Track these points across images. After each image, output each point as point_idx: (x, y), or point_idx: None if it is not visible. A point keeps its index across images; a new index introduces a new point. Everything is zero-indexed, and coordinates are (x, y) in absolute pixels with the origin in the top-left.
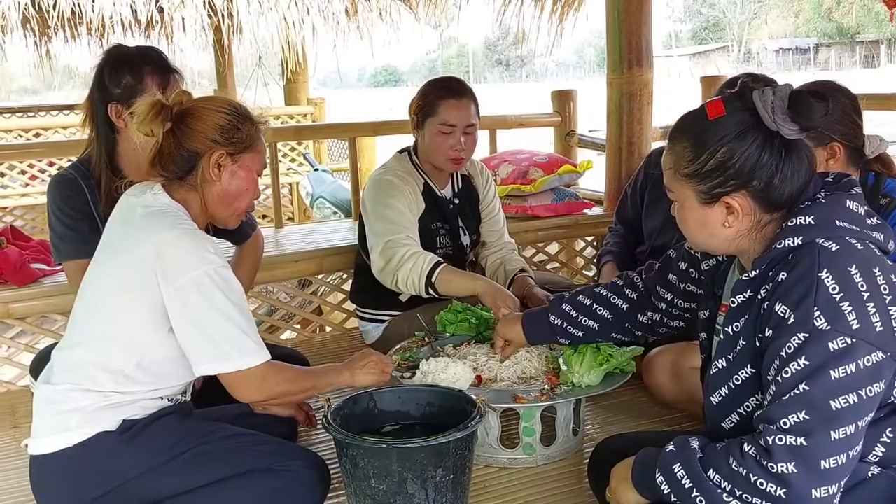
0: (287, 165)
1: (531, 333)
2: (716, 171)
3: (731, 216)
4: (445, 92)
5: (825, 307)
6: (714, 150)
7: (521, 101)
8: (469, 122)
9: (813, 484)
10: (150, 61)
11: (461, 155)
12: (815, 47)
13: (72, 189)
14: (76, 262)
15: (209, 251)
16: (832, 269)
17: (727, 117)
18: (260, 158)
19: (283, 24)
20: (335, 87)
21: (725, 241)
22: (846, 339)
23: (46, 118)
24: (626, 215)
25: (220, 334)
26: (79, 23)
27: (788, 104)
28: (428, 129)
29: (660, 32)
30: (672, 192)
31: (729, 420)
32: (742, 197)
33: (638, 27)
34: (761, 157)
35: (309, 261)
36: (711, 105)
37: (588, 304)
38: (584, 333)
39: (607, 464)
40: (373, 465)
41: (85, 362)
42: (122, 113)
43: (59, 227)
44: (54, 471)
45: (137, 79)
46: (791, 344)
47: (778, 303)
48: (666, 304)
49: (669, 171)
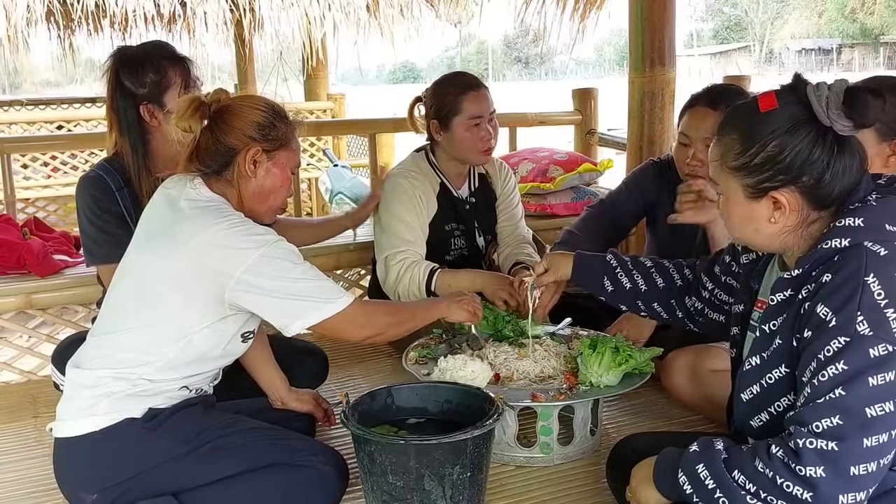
0: (306, 161)
1: (580, 267)
2: (765, 165)
3: (778, 212)
4: (464, 87)
5: (869, 312)
6: (764, 143)
7: (540, 98)
8: (492, 110)
9: (841, 490)
10: (164, 53)
11: (492, 143)
12: (837, 48)
13: (101, 191)
14: (110, 266)
15: (259, 232)
16: (879, 274)
17: (779, 110)
18: (294, 156)
19: (305, 19)
20: (354, 84)
21: (770, 237)
22: (888, 346)
23: (69, 111)
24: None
25: (304, 291)
26: (102, 16)
27: (843, 100)
28: (456, 127)
29: (681, 31)
30: (717, 185)
31: (758, 418)
32: (790, 193)
33: (661, 26)
34: (812, 152)
35: (327, 256)
36: (764, 98)
37: (648, 265)
38: (631, 287)
39: (627, 463)
40: (390, 461)
41: (126, 348)
42: (155, 112)
43: (91, 231)
44: (78, 455)
45: (160, 73)
46: (830, 347)
47: (820, 304)
48: (709, 293)
49: (716, 163)
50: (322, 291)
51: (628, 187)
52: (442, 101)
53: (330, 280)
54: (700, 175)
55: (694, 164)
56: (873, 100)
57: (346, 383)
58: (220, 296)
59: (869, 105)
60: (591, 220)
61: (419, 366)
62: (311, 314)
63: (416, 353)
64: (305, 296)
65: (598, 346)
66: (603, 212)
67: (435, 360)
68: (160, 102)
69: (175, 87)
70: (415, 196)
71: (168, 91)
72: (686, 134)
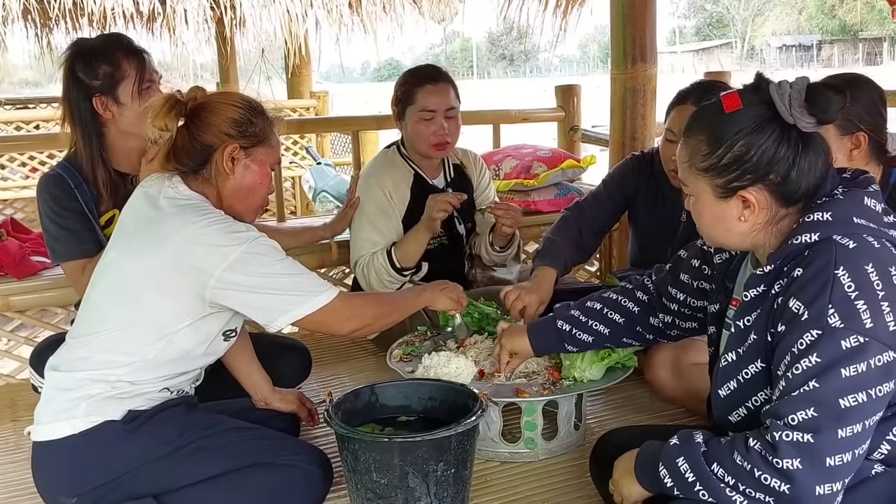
0: (289, 159)
1: (537, 343)
2: (732, 165)
3: (748, 210)
4: (421, 78)
5: (840, 305)
6: (731, 143)
7: (524, 96)
8: (449, 106)
9: (817, 481)
10: (120, 45)
11: (445, 139)
12: (818, 44)
13: (61, 189)
14: (74, 262)
15: (240, 230)
16: (848, 266)
17: (744, 110)
18: (273, 153)
19: (287, 16)
20: (338, 81)
21: (741, 235)
22: (859, 337)
23: (47, 110)
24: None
25: (288, 285)
26: (80, 14)
27: (805, 97)
28: (409, 118)
29: (664, 28)
30: (687, 187)
31: (736, 413)
32: (759, 191)
33: (642, 23)
34: (778, 150)
35: (311, 255)
36: (727, 98)
37: (598, 308)
38: (595, 338)
39: (610, 457)
40: (374, 459)
41: (104, 350)
42: (109, 104)
43: (52, 229)
44: (57, 458)
45: (114, 65)
46: (803, 340)
47: (792, 298)
48: (678, 304)
49: (685, 164)
50: (306, 285)
51: (607, 187)
52: (400, 91)
53: (313, 274)
54: None
55: None
56: (834, 96)
57: (330, 382)
58: (201, 294)
59: (830, 101)
60: (569, 223)
61: (403, 363)
62: (296, 308)
63: (400, 350)
64: (290, 290)
65: None
66: (580, 214)
67: (419, 357)
68: (114, 95)
69: (129, 79)
70: (383, 193)
71: (121, 84)
72: (672, 130)
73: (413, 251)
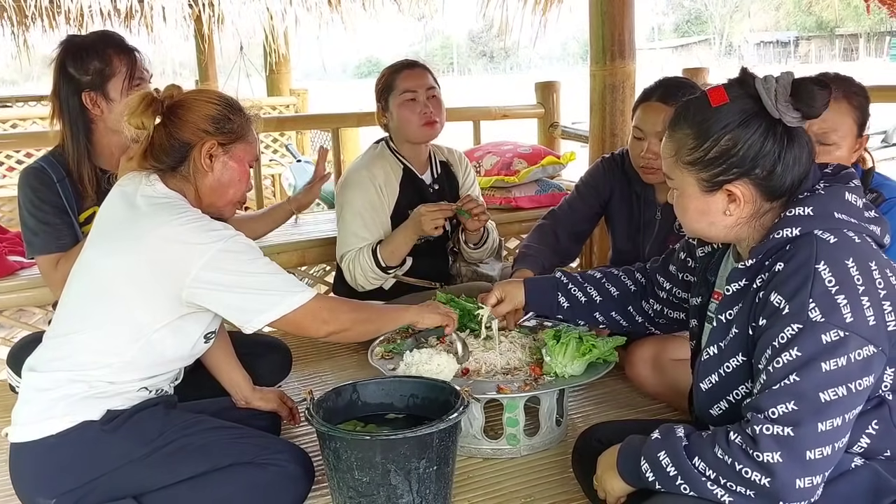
0: (269, 157)
1: (532, 291)
2: (719, 159)
3: (733, 204)
4: (398, 66)
5: (820, 299)
6: (717, 137)
7: (505, 92)
8: (429, 85)
9: (797, 474)
10: (111, 42)
11: (432, 118)
12: (795, 41)
13: (42, 182)
14: (49, 256)
15: (216, 228)
16: (829, 261)
17: (730, 105)
18: (251, 149)
19: (266, 14)
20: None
21: (725, 228)
22: (839, 332)
23: (24, 109)
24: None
25: (264, 285)
26: (57, 12)
27: (791, 92)
28: (393, 105)
29: (643, 25)
30: (672, 180)
31: (717, 407)
32: (744, 185)
33: (620, 19)
34: (765, 145)
35: (291, 253)
36: (713, 92)
37: (597, 276)
38: (586, 301)
39: (592, 452)
40: (356, 456)
41: (81, 349)
42: (98, 100)
43: (31, 222)
44: (36, 459)
45: (105, 62)
46: (784, 334)
47: (773, 292)
48: (666, 293)
49: (670, 158)
50: (283, 285)
51: (580, 191)
52: (380, 83)
53: (290, 275)
54: (655, 167)
55: (648, 157)
56: (819, 91)
57: (312, 380)
58: (178, 293)
59: (816, 96)
60: (545, 229)
61: (385, 361)
62: (271, 309)
63: (381, 347)
64: (266, 290)
65: (562, 336)
66: (556, 221)
67: (401, 354)
68: (104, 91)
69: (119, 76)
70: (373, 187)
71: (112, 80)
72: (640, 128)
73: (399, 251)
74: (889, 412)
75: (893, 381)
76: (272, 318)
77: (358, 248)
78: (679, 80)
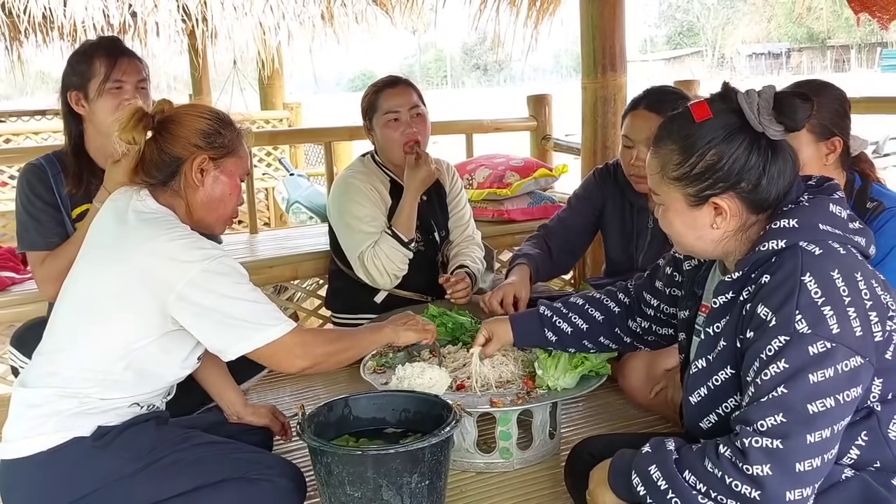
0: (263, 170)
1: (518, 328)
2: (705, 174)
3: (720, 217)
4: (381, 85)
5: (807, 311)
6: (703, 153)
7: (499, 105)
8: (413, 104)
9: (787, 486)
10: (99, 47)
11: (416, 137)
12: (787, 52)
13: (36, 177)
14: (37, 253)
15: (204, 247)
16: (815, 273)
17: (714, 120)
18: (242, 164)
19: (259, 28)
20: (314, 92)
21: (712, 242)
22: (826, 343)
23: (17, 123)
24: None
25: (240, 314)
26: (50, 27)
27: (773, 105)
28: (377, 126)
29: (636, 38)
30: (658, 196)
31: (707, 420)
32: (730, 198)
33: (611, 32)
34: (749, 158)
35: (284, 266)
36: (696, 107)
37: (580, 303)
38: (573, 331)
39: (584, 466)
40: (347, 472)
41: (71, 366)
42: (80, 99)
43: (22, 216)
44: (27, 475)
45: (88, 63)
46: (772, 346)
47: (760, 305)
48: (653, 310)
49: (656, 175)
50: (258, 316)
51: (572, 205)
52: (365, 102)
53: (271, 305)
54: (645, 175)
55: (638, 164)
56: (802, 103)
57: (304, 394)
58: (163, 309)
59: (798, 109)
60: (538, 238)
61: (377, 375)
62: (244, 341)
63: (374, 361)
64: (242, 319)
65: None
66: (548, 232)
67: (393, 368)
68: (84, 91)
69: (98, 77)
70: (367, 189)
71: (91, 80)
72: (629, 136)
73: (409, 221)
74: (878, 423)
75: (881, 392)
76: (245, 351)
77: (372, 241)
78: (666, 89)
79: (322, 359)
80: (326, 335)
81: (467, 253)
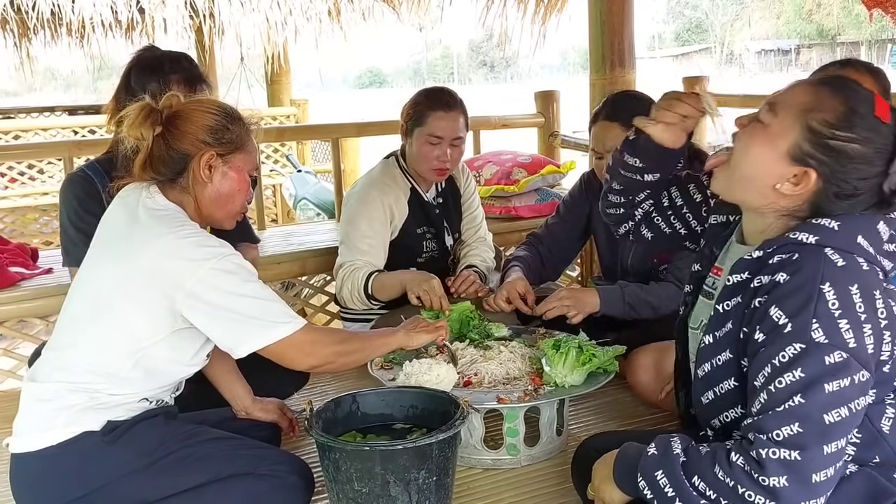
0: (270, 167)
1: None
2: (831, 152)
3: (790, 183)
4: (435, 103)
5: (824, 320)
6: (852, 139)
7: (506, 101)
8: (456, 135)
9: (803, 497)
10: (178, 69)
11: (446, 166)
12: (796, 49)
13: (86, 191)
14: None
15: (213, 244)
16: (835, 284)
17: (886, 128)
18: (251, 159)
19: (266, 24)
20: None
21: (760, 195)
22: (842, 353)
23: (26, 120)
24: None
25: (250, 311)
26: (59, 24)
27: None
28: (416, 138)
29: (643, 34)
30: (774, 118)
31: (706, 396)
32: (817, 183)
33: (620, 28)
34: (867, 182)
35: (292, 262)
36: (882, 104)
37: None
38: None
39: (591, 463)
40: (355, 467)
41: (81, 362)
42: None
43: (71, 231)
44: (36, 469)
45: (164, 86)
46: (785, 353)
47: (774, 307)
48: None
49: (797, 105)
50: (268, 313)
51: (559, 212)
52: (413, 109)
53: (280, 302)
54: None
55: None
56: None
57: (312, 390)
58: (172, 307)
59: None
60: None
61: (385, 371)
62: (253, 339)
63: (381, 357)
64: (251, 317)
65: (562, 346)
66: (537, 239)
67: (400, 364)
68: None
69: None
70: (382, 206)
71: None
72: (595, 149)
73: (389, 292)
74: (869, 419)
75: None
76: (255, 348)
77: (355, 265)
78: (622, 96)
79: (331, 358)
80: (337, 335)
81: (477, 253)
